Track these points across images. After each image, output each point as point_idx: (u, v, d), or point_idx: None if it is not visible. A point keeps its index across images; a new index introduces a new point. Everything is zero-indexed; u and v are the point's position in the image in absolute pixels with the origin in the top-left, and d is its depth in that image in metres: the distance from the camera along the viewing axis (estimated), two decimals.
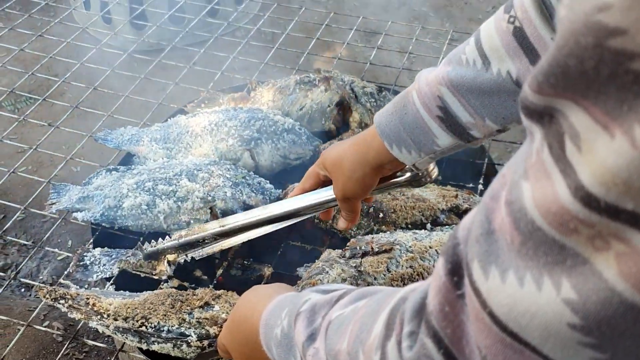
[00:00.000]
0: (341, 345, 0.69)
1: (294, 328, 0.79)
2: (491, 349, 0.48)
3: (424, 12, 4.09)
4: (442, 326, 0.52)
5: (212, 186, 1.58)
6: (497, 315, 0.46)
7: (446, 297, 0.52)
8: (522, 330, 0.45)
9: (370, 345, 0.63)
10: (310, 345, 0.75)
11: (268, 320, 0.89)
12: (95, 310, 1.35)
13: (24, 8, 2.60)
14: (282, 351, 0.83)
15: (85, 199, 1.65)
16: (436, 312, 0.53)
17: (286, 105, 1.88)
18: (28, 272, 2.54)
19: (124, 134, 1.84)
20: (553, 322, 0.43)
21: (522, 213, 0.44)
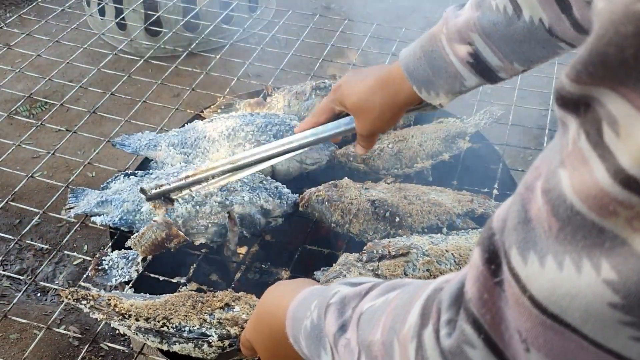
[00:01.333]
0: (374, 336, 0.70)
1: (324, 319, 0.80)
2: (532, 331, 0.49)
3: (435, 18, 4.09)
4: (481, 313, 0.53)
5: (229, 190, 1.59)
6: (537, 298, 0.47)
7: (484, 285, 0.53)
8: (563, 312, 0.46)
9: (405, 335, 0.64)
10: (342, 335, 0.76)
11: (296, 312, 0.89)
12: (117, 311, 1.36)
13: (40, 14, 2.62)
14: (312, 343, 0.83)
15: (104, 203, 1.66)
16: (475, 300, 0.53)
17: (302, 111, 1.90)
18: (44, 277, 2.56)
19: (141, 139, 1.85)
20: (594, 303, 0.44)
21: (561, 199, 0.46)
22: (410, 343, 0.62)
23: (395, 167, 1.75)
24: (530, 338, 0.49)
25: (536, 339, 0.49)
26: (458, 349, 0.55)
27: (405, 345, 0.63)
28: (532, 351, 0.49)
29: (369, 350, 0.70)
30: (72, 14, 2.78)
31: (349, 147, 1.80)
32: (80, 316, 2.39)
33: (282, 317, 0.91)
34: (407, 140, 1.77)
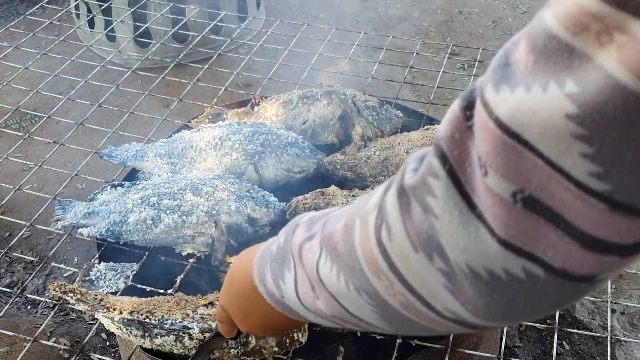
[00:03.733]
0: (336, 226, 0.71)
1: (292, 238, 0.79)
2: (492, 153, 0.51)
3: (424, 27, 4.11)
4: (450, 148, 0.56)
5: (216, 200, 1.59)
6: (502, 119, 0.50)
7: (457, 127, 0.55)
8: (524, 129, 0.49)
9: (367, 210, 0.65)
10: (307, 242, 0.76)
11: (262, 251, 0.88)
12: (102, 304, 1.38)
13: (29, 27, 2.63)
14: (276, 265, 0.82)
15: (91, 215, 1.66)
16: (446, 138, 0.56)
17: (289, 120, 1.90)
18: (34, 289, 2.55)
19: (128, 150, 1.86)
20: (552, 116, 0.48)
21: (540, 31, 0.49)
22: (372, 213, 0.64)
23: (382, 174, 1.75)
24: (489, 160, 0.52)
25: (495, 160, 0.51)
26: (421, 181, 0.58)
27: (367, 218, 0.65)
28: (490, 173, 0.52)
29: (330, 241, 0.71)
30: (61, 27, 2.79)
31: (336, 155, 1.80)
32: (70, 328, 2.39)
33: (250, 269, 0.90)
34: (394, 147, 1.77)
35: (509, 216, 0.52)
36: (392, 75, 2.78)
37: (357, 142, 1.83)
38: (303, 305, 0.78)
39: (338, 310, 0.73)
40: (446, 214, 0.56)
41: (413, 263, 0.60)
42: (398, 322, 0.68)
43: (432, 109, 2.25)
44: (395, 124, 1.91)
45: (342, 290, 0.70)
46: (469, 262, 0.56)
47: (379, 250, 0.63)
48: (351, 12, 4.23)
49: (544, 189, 0.50)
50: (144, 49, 3.16)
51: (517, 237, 0.53)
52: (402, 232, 0.60)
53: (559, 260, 0.52)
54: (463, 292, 0.58)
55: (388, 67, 2.67)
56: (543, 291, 0.55)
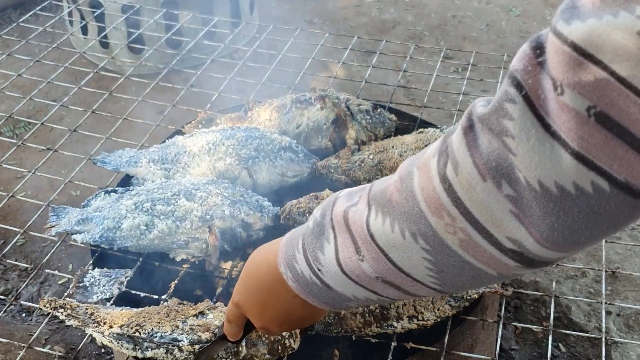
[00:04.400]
0: (388, 182, 0.75)
1: (332, 210, 0.82)
2: (568, 73, 0.57)
3: (418, 31, 4.12)
4: (524, 78, 0.61)
5: (210, 205, 1.59)
6: (577, 42, 0.56)
7: (529, 62, 0.61)
8: (598, 49, 0.55)
9: (426, 158, 0.70)
10: (351, 209, 0.79)
11: (291, 236, 0.89)
12: (93, 319, 1.38)
13: (22, 34, 2.62)
14: (314, 239, 0.83)
15: (84, 221, 1.65)
16: (520, 70, 0.62)
17: (283, 124, 1.90)
18: (29, 297, 2.54)
19: (122, 156, 1.85)
20: (624, 35, 0.54)
21: None
22: (432, 158, 0.69)
23: (376, 177, 1.75)
24: (566, 79, 0.57)
25: (572, 78, 0.57)
26: (497, 107, 0.63)
27: (427, 164, 0.70)
28: (567, 91, 0.57)
29: (382, 195, 0.75)
30: (54, 34, 2.79)
31: (330, 159, 1.80)
32: (65, 335, 2.38)
33: (272, 261, 0.91)
34: (388, 151, 1.77)
35: (583, 129, 0.57)
36: (386, 79, 2.79)
37: (350, 146, 1.83)
38: (344, 272, 0.80)
39: (385, 268, 0.75)
40: (523, 133, 0.61)
41: (480, 193, 0.65)
42: (450, 269, 0.72)
43: (425, 113, 2.25)
44: (389, 127, 1.91)
45: (396, 240, 0.73)
46: (541, 179, 0.61)
47: (443, 186, 0.67)
48: (345, 16, 4.23)
49: (614, 105, 0.55)
50: (138, 55, 3.16)
51: (589, 150, 0.58)
52: (470, 163, 0.65)
53: (623, 172, 0.57)
54: (529, 215, 0.63)
55: (382, 71, 2.67)
56: (606, 208, 0.60)
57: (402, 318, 1.35)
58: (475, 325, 1.49)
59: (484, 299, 1.46)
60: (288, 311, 0.93)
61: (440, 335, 1.39)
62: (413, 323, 1.36)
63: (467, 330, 1.48)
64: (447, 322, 1.41)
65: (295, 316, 0.94)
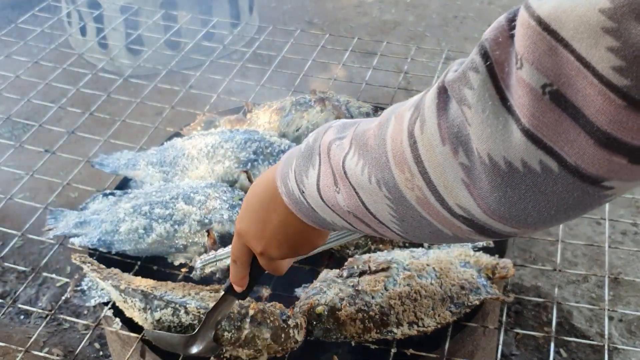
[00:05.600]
0: (371, 125, 0.75)
1: (321, 138, 0.84)
2: (529, 47, 0.56)
3: (419, 32, 4.11)
4: (492, 48, 0.61)
5: (208, 209, 1.57)
6: (542, 17, 0.55)
7: (502, 33, 0.60)
8: (561, 26, 0.54)
9: (403, 109, 0.71)
10: (337, 140, 0.81)
11: (289, 153, 0.92)
12: (115, 277, 1.47)
13: (20, 36, 2.61)
14: (302, 161, 0.86)
15: (82, 224, 1.64)
16: (490, 39, 0.61)
17: (282, 127, 1.89)
18: (27, 299, 2.53)
19: (120, 159, 1.84)
20: (587, 10, 0.52)
21: None
22: (408, 111, 0.70)
23: None
24: (527, 53, 0.56)
25: (532, 53, 0.56)
26: (462, 74, 0.63)
27: (402, 115, 0.70)
28: (525, 65, 0.56)
29: (362, 137, 0.76)
30: (53, 35, 2.77)
31: None
32: (63, 338, 2.37)
33: (271, 177, 0.94)
34: None
35: (535, 106, 0.56)
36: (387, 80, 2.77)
37: None
38: (322, 199, 0.83)
39: (355, 205, 0.78)
40: (479, 104, 0.61)
41: (438, 155, 0.65)
42: (409, 221, 0.74)
43: None
44: None
45: (364, 182, 0.75)
46: (490, 152, 0.60)
47: (409, 142, 0.68)
48: (345, 17, 4.22)
49: (570, 84, 0.54)
50: (136, 56, 3.14)
51: (539, 128, 0.57)
52: (435, 125, 0.65)
53: (574, 155, 0.56)
54: (478, 186, 0.63)
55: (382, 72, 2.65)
56: (554, 189, 0.59)
57: (402, 324, 1.34)
58: (476, 331, 1.48)
59: (485, 305, 1.45)
60: (286, 228, 0.95)
61: (441, 342, 1.38)
62: (413, 329, 1.34)
63: (468, 337, 1.47)
64: (447, 328, 1.39)
65: (293, 235, 0.97)
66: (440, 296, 1.37)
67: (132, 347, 1.41)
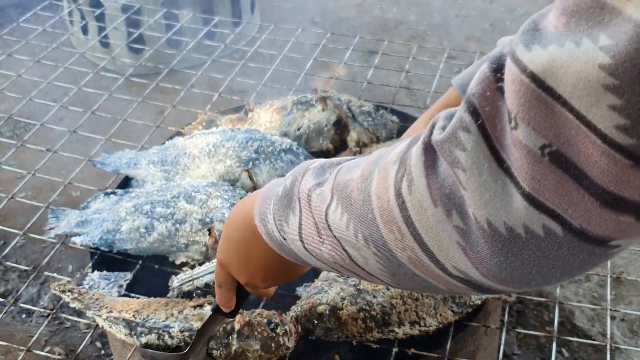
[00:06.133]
0: (353, 175, 0.71)
1: (300, 182, 0.80)
2: (524, 106, 0.52)
3: (421, 30, 4.10)
4: (481, 104, 0.56)
5: (210, 208, 1.57)
6: (536, 73, 0.51)
7: (488, 86, 0.56)
8: (557, 82, 0.50)
9: (388, 162, 0.66)
10: (317, 188, 0.76)
11: (265, 193, 0.88)
12: (96, 304, 1.44)
13: (22, 35, 2.61)
14: (280, 208, 0.82)
15: (84, 223, 1.64)
16: (478, 94, 0.57)
17: (284, 126, 1.88)
18: (29, 298, 2.53)
19: (121, 158, 1.84)
20: (586, 66, 0.48)
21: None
22: (393, 165, 0.65)
23: None
24: (521, 112, 0.53)
25: (527, 113, 0.52)
26: (452, 134, 0.58)
27: (387, 169, 0.66)
28: (521, 126, 0.53)
29: (344, 189, 0.71)
30: (55, 34, 2.76)
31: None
32: (65, 337, 2.37)
33: (250, 213, 0.91)
34: None
35: (535, 169, 0.53)
36: (388, 79, 2.77)
37: (352, 148, 1.81)
38: (306, 249, 0.79)
39: (342, 258, 0.74)
40: (475, 167, 0.57)
41: (430, 218, 0.61)
42: (401, 276, 0.70)
43: None
44: (391, 129, 1.90)
45: (349, 238, 0.71)
46: (490, 218, 0.57)
47: (397, 202, 0.64)
48: (346, 16, 4.22)
49: (571, 144, 0.51)
50: (138, 55, 3.14)
51: (541, 192, 0.53)
52: (424, 185, 0.61)
53: (579, 218, 0.53)
54: (476, 250, 0.59)
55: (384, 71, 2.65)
56: (559, 253, 0.56)
57: (404, 324, 1.34)
58: (478, 331, 1.48)
59: (487, 304, 1.45)
60: (268, 263, 0.94)
61: (442, 342, 1.38)
62: (415, 329, 1.34)
63: (470, 336, 1.46)
64: (449, 328, 1.39)
65: (276, 267, 0.95)
66: (442, 295, 1.37)
67: (133, 347, 1.41)
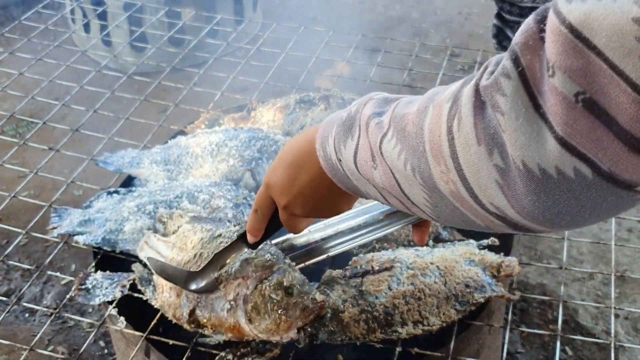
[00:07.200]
0: (410, 109, 0.75)
1: (362, 109, 0.84)
2: (562, 55, 0.56)
3: (424, 28, 4.09)
4: (523, 53, 0.60)
5: (213, 208, 1.57)
6: (574, 24, 0.55)
7: (532, 36, 0.60)
8: (593, 33, 0.53)
9: (442, 99, 0.70)
10: (376, 117, 0.80)
11: (331, 117, 0.92)
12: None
13: (24, 33, 2.60)
14: (341, 131, 0.86)
15: (87, 223, 1.64)
16: (521, 44, 0.61)
17: (287, 125, 1.88)
18: (32, 297, 2.53)
19: (124, 157, 1.84)
20: (621, 19, 0.52)
21: None
22: (447, 103, 0.69)
23: None
24: (559, 61, 0.56)
25: (564, 61, 0.56)
26: (494, 80, 0.63)
27: (441, 105, 0.70)
28: (557, 73, 0.56)
29: (401, 121, 0.76)
30: (57, 32, 2.76)
31: None
32: (68, 336, 2.37)
33: (312, 136, 0.94)
34: None
35: (569, 114, 0.56)
36: (391, 77, 2.76)
37: None
38: (359, 171, 0.84)
39: (391, 184, 0.79)
40: (513, 111, 0.61)
41: (473, 155, 0.66)
42: (443, 208, 0.74)
43: None
44: None
45: (399, 167, 0.75)
46: (525, 159, 0.61)
47: (447, 137, 0.68)
48: (349, 14, 4.21)
49: (603, 92, 0.54)
50: (140, 53, 3.14)
51: (573, 136, 0.57)
52: (471, 125, 0.65)
53: (608, 162, 0.56)
54: (513, 189, 0.64)
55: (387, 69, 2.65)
56: (588, 194, 0.60)
57: (407, 323, 1.33)
58: (482, 329, 1.47)
59: (490, 303, 1.44)
60: (315, 187, 0.96)
61: (446, 340, 1.38)
62: (418, 328, 1.34)
63: (473, 335, 1.46)
64: (452, 327, 1.39)
65: (321, 195, 0.97)
66: (445, 294, 1.37)
67: (137, 346, 1.41)
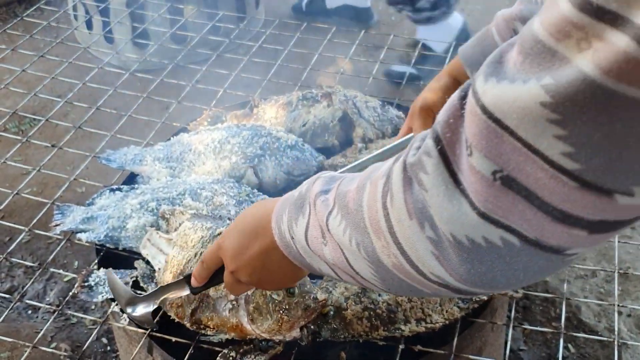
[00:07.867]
0: (351, 187, 0.79)
1: (312, 188, 0.88)
2: (477, 135, 0.58)
3: None
4: (444, 131, 0.63)
5: (215, 205, 1.57)
6: (487, 106, 0.57)
7: (453, 113, 0.63)
8: (505, 115, 0.55)
9: (378, 176, 0.74)
10: (323, 195, 0.85)
11: (286, 197, 0.95)
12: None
13: (26, 29, 2.61)
14: (293, 209, 0.90)
15: (89, 220, 1.64)
16: (442, 122, 0.64)
17: (289, 122, 1.88)
18: (34, 294, 2.53)
19: (127, 154, 1.84)
20: (529, 103, 0.53)
21: (529, 35, 0.55)
22: (381, 179, 0.73)
23: None
24: (475, 141, 0.58)
25: (480, 142, 0.58)
26: (418, 159, 0.66)
27: (376, 183, 0.74)
28: (475, 153, 0.59)
29: (343, 198, 0.79)
30: (59, 28, 2.76)
31: (337, 158, 1.78)
32: (71, 333, 2.37)
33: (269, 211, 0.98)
34: None
35: (488, 192, 0.59)
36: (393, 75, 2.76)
37: (357, 144, 1.80)
38: (310, 248, 0.87)
39: (340, 260, 0.82)
40: (434, 188, 0.64)
41: (407, 229, 0.69)
42: (390, 281, 0.77)
43: None
44: (397, 125, 1.89)
45: (345, 243, 0.78)
46: (452, 232, 0.64)
47: (383, 213, 0.71)
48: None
49: (520, 169, 0.56)
50: (143, 50, 3.14)
51: (494, 211, 0.60)
52: (402, 200, 0.68)
53: (533, 231, 0.59)
54: (448, 259, 0.66)
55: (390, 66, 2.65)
56: (518, 259, 0.62)
57: (410, 321, 1.33)
58: (484, 327, 1.47)
59: (493, 300, 1.44)
60: (264, 260, 1.00)
61: (449, 338, 1.38)
62: (421, 326, 1.34)
63: (476, 333, 1.46)
64: (455, 324, 1.39)
65: (268, 269, 1.01)
66: None
67: (140, 343, 1.41)
